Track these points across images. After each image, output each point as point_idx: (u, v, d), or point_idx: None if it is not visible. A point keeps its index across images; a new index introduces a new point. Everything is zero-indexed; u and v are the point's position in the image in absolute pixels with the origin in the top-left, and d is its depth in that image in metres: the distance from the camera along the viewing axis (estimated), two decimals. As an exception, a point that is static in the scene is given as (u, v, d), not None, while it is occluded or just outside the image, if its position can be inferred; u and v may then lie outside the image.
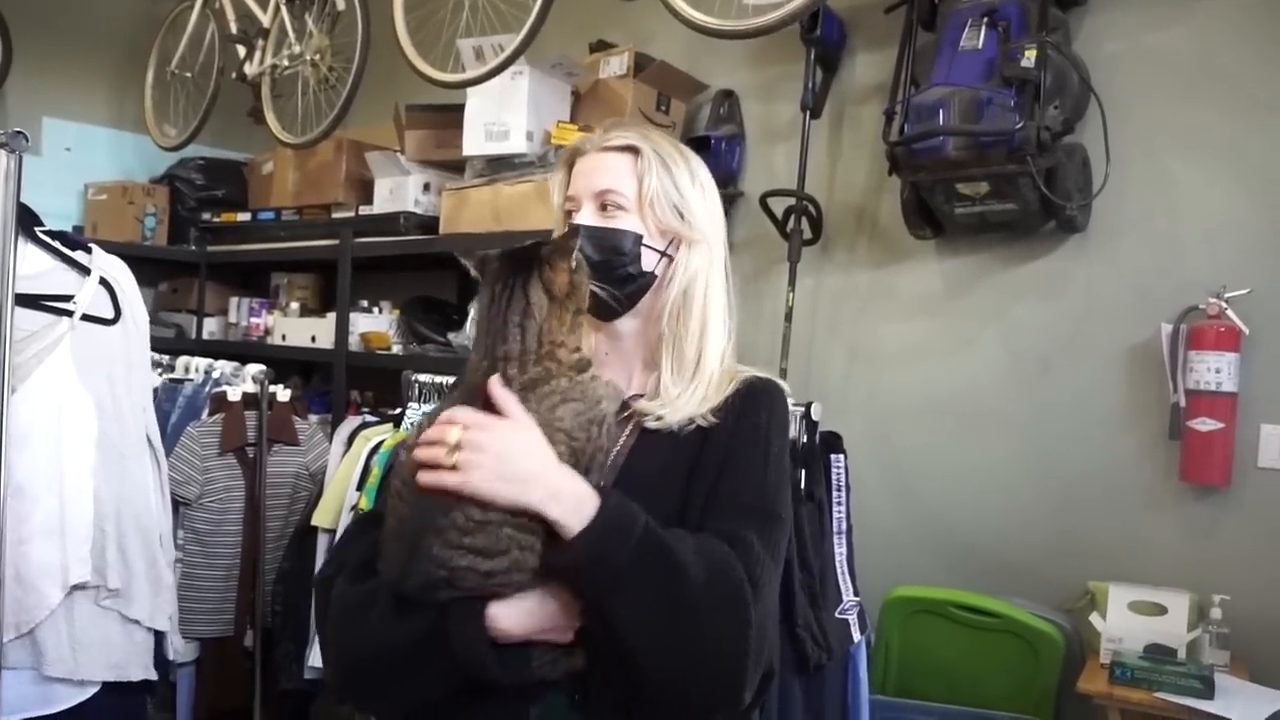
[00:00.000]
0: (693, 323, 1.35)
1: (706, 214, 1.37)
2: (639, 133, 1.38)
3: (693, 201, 1.36)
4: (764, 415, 1.33)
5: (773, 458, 1.31)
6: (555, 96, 3.14)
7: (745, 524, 1.23)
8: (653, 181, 1.33)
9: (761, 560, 1.21)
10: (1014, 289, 2.83)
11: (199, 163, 4.38)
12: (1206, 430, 2.47)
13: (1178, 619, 2.39)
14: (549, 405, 1.15)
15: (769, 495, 1.28)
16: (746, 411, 1.33)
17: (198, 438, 2.90)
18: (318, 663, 2.54)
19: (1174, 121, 2.62)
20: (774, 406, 1.36)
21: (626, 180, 1.34)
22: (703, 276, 1.36)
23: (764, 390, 1.37)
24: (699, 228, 1.36)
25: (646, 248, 1.34)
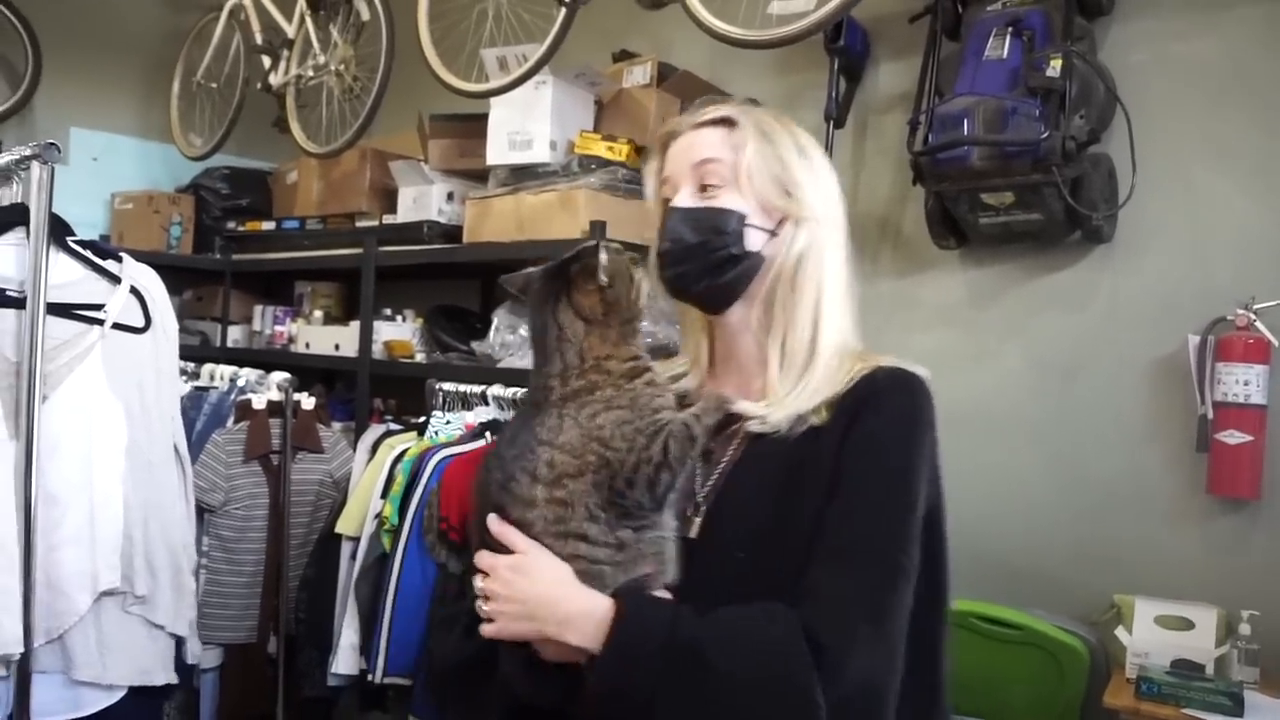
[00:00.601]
0: (802, 310, 1.22)
1: (816, 189, 1.25)
2: (735, 105, 1.29)
3: (798, 174, 1.24)
4: (883, 418, 1.15)
5: (893, 478, 1.13)
6: (578, 106, 3.15)
7: (841, 572, 1.07)
8: (750, 153, 1.23)
9: (849, 626, 1.04)
10: (1039, 299, 2.81)
11: (224, 172, 4.41)
12: (1235, 443, 2.45)
13: (1205, 634, 2.37)
14: (589, 413, 1.13)
15: (881, 532, 1.10)
16: (863, 413, 1.16)
17: (223, 445, 2.92)
18: (340, 670, 2.56)
19: (1201, 131, 2.61)
20: (899, 407, 1.17)
21: (724, 152, 1.24)
22: (814, 257, 1.23)
23: (890, 385, 1.18)
24: (807, 203, 1.24)
25: (751, 227, 1.23)
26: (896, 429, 1.15)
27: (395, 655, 2.42)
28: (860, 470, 1.12)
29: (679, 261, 1.24)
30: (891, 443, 1.14)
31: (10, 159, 1.94)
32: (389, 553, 2.47)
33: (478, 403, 2.70)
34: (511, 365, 3.03)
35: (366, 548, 2.55)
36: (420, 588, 2.41)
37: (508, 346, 3.08)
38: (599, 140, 3.04)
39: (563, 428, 1.12)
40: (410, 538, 2.43)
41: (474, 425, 2.61)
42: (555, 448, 1.12)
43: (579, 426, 1.12)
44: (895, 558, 1.09)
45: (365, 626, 2.52)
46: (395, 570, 2.43)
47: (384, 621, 2.43)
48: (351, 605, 2.56)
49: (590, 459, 1.11)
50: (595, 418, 1.12)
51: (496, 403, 2.62)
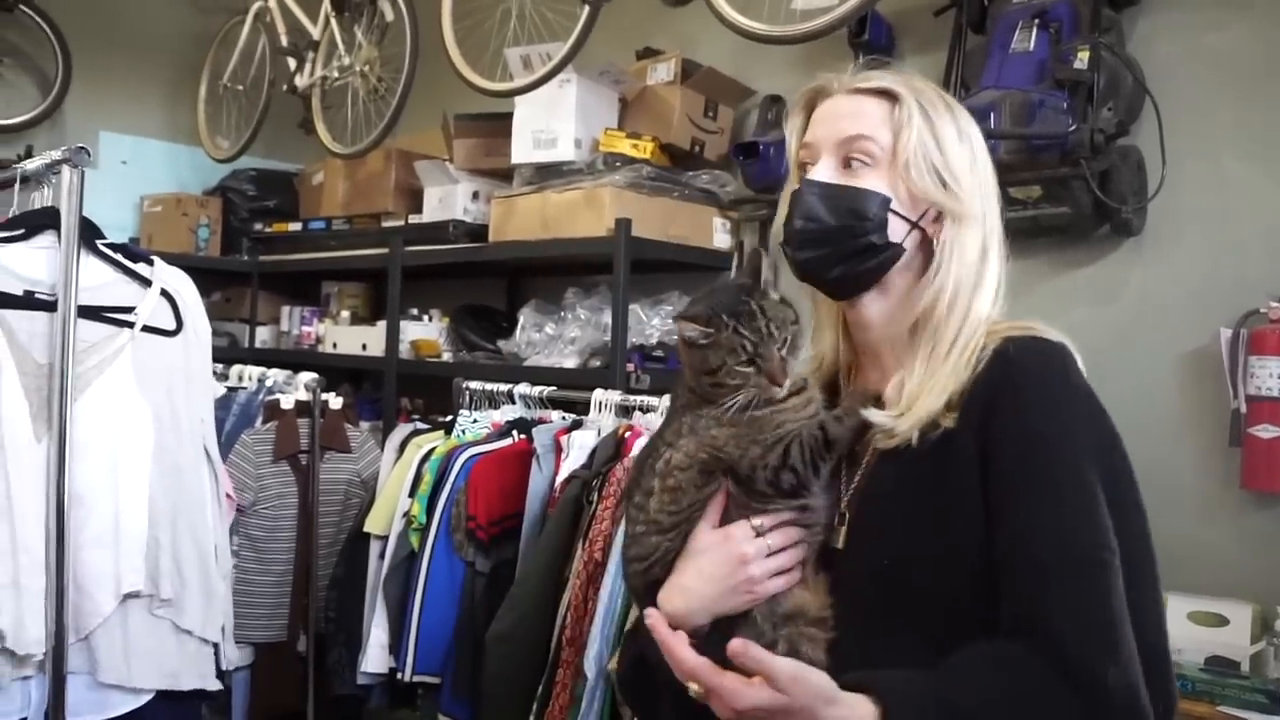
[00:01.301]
0: (954, 318, 1.10)
1: (975, 179, 1.14)
2: (899, 77, 1.17)
3: (957, 164, 1.13)
4: (1033, 411, 1.03)
5: (1065, 469, 1.02)
6: (603, 104, 3.15)
7: (1056, 596, 0.97)
8: (913, 136, 1.11)
9: (1088, 649, 0.95)
10: (1067, 294, 2.79)
11: (251, 174, 4.45)
12: (1269, 437, 2.42)
13: (1240, 630, 2.34)
14: (705, 424, 1.14)
15: (1078, 539, 0.99)
16: (1003, 404, 1.04)
17: (252, 445, 2.94)
18: (370, 668, 2.57)
19: (1233, 122, 2.57)
20: (1045, 390, 1.05)
21: (881, 131, 1.13)
22: (966, 255, 1.12)
23: (1025, 365, 1.06)
24: (966, 197, 1.13)
25: (894, 214, 1.12)
26: (1050, 417, 1.04)
27: (424, 653, 2.43)
28: (1029, 477, 1.01)
29: (814, 244, 1.14)
30: (1051, 435, 1.03)
31: (41, 163, 1.96)
32: (417, 551, 2.48)
33: (504, 401, 2.71)
34: (537, 364, 3.04)
35: (395, 547, 2.56)
36: (448, 586, 2.42)
37: (534, 345, 3.08)
38: (623, 138, 3.04)
39: (682, 432, 1.16)
40: (438, 536, 2.44)
41: (500, 424, 2.62)
42: (675, 449, 1.16)
43: (695, 434, 1.14)
44: (1099, 557, 0.99)
45: (394, 625, 2.53)
46: (423, 569, 2.44)
47: (413, 620, 2.44)
48: (380, 604, 2.57)
49: (702, 456, 1.13)
50: (710, 429, 1.13)
51: (523, 401, 2.63)
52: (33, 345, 1.84)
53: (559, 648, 2.16)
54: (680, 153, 3.19)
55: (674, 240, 3.05)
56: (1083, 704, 0.93)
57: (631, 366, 2.84)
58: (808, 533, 1.12)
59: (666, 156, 3.15)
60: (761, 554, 1.10)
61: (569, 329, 3.03)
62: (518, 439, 2.50)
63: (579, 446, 2.33)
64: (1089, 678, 0.94)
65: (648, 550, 1.16)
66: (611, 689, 2.05)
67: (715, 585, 1.11)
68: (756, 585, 1.10)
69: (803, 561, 1.12)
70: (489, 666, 2.24)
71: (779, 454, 1.09)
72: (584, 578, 2.12)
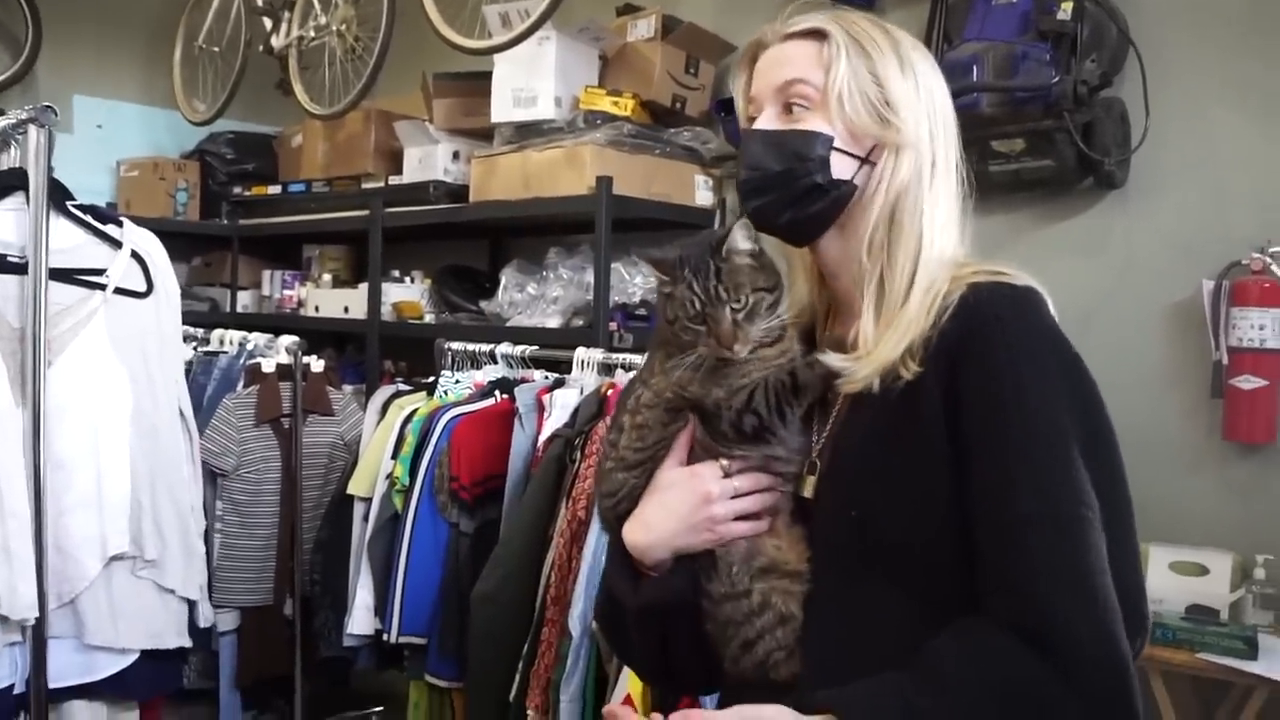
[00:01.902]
0: (902, 249, 1.08)
1: (918, 107, 1.10)
2: (829, 14, 1.14)
3: (897, 95, 1.09)
4: (1002, 354, 1.01)
5: (1037, 419, 0.99)
6: (582, 61, 3.11)
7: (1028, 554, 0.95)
8: (840, 71, 1.09)
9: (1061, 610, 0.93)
10: (1051, 247, 2.78)
11: (229, 137, 4.39)
12: (1250, 388, 2.43)
13: (1220, 579, 2.36)
14: (674, 365, 1.13)
15: (1052, 494, 0.97)
16: (971, 353, 1.02)
17: (234, 409, 2.92)
18: (356, 630, 2.57)
19: (1218, 72, 2.56)
20: (1013, 338, 1.02)
21: (812, 71, 1.10)
22: (915, 187, 1.09)
23: (991, 307, 1.03)
24: (908, 128, 1.09)
25: (838, 152, 1.09)
26: (1020, 368, 1.00)
27: (410, 615, 2.43)
28: (1001, 430, 0.99)
29: (759, 192, 1.12)
30: (1022, 387, 0.99)
31: (7, 123, 1.93)
32: (401, 513, 2.48)
33: (486, 361, 2.69)
34: (520, 324, 3.02)
35: (379, 508, 2.56)
36: (433, 547, 2.42)
37: (516, 305, 3.07)
38: (604, 95, 3.01)
39: (654, 370, 1.17)
40: (422, 497, 2.43)
41: (483, 384, 2.60)
42: (647, 387, 1.16)
43: (666, 374, 1.14)
44: (1075, 513, 0.96)
45: (379, 587, 2.53)
46: (408, 530, 2.44)
47: (398, 581, 2.44)
48: (365, 566, 2.57)
49: (668, 396, 1.14)
50: (677, 370, 1.12)
51: (505, 361, 2.61)
52: (6, 308, 1.82)
53: (544, 606, 2.16)
54: (661, 110, 3.16)
55: (656, 198, 3.03)
56: (1056, 666, 0.91)
57: (614, 325, 2.83)
58: (778, 480, 1.12)
59: (647, 114, 3.12)
60: (726, 494, 1.09)
61: (551, 289, 3.01)
62: (500, 399, 2.49)
63: (561, 405, 2.32)
64: (1064, 637, 0.92)
65: (615, 486, 1.17)
66: (597, 646, 2.06)
67: (677, 521, 1.10)
68: (718, 525, 1.10)
69: (775, 512, 1.12)
70: (474, 626, 2.25)
71: (743, 397, 1.08)
72: (568, 536, 2.12)
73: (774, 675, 1.08)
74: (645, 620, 1.14)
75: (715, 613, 1.10)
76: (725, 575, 1.10)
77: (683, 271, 1.11)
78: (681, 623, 1.12)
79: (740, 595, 1.09)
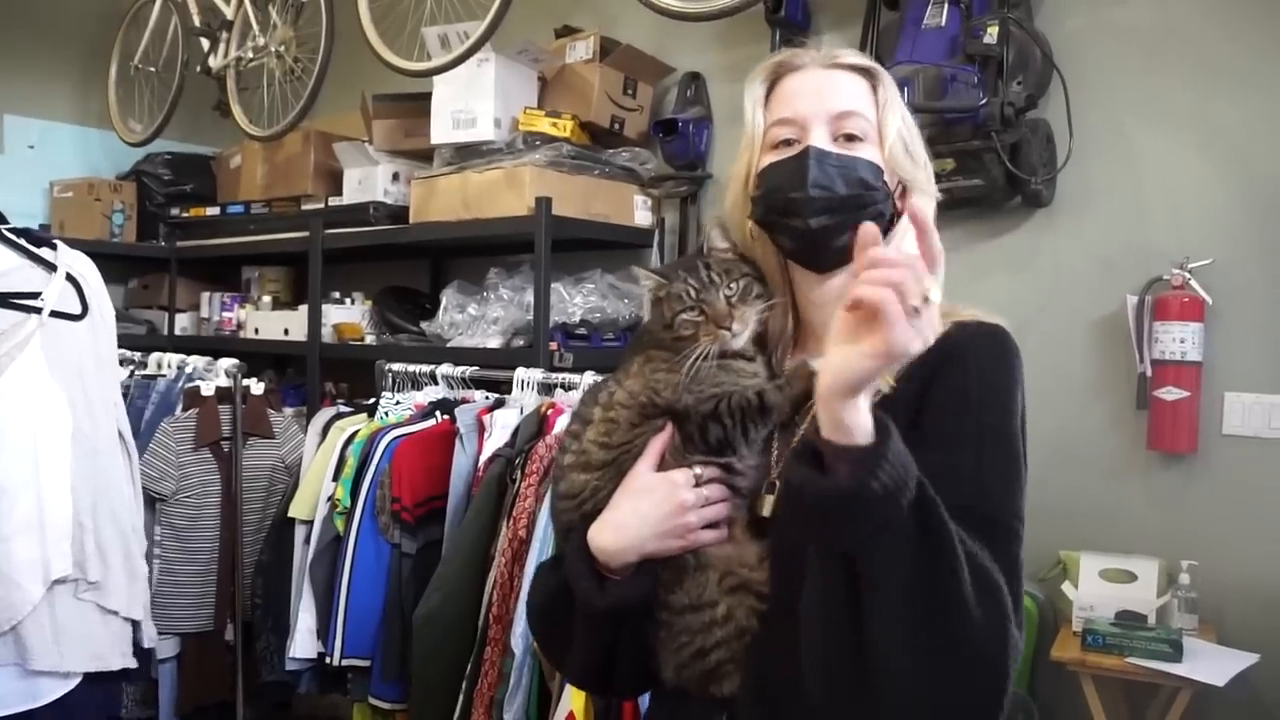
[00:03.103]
0: None
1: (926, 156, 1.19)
2: (862, 54, 1.20)
3: (917, 140, 1.17)
4: (974, 377, 1.05)
5: (998, 440, 1.03)
6: (522, 83, 3.14)
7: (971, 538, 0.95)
8: (896, 115, 1.15)
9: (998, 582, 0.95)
10: (981, 264, 2.85)
11: (166, 158, 4.35)
12: (1173, 399, 2.51)
13: (1147, 585, 2.43)
14: (652, 368, 1.17)
15: (990, 492, 1.01)
16: (946, 371, 1.05)
17: (172, 434, 2.90)
18: (298, 654, 2.56)
19: (1137, 94, 2.65)
20: (991, 364, 1.07)
21: (868, 107, 1.15)
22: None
23: (975, 341, 1.08)
24: (928, 174, 1.18)
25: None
26: (992, 388, 1.05)
27: (353, 637, 2.43)
28: (959, 429, 1.02)
29: (827, 211, 1.11)
30: (989, 402, 1.04)
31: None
32: (342, 535, 2.47)
33: (427, 382, 2.70)
34: (461, 344, 3.03)
35: (320, 531, 2.55)
36: (375, 568, 2.42)
37: (457, 326, 3.07)
38: (543, 116, 3.03)
39: (630, 372, 1.20)
40: (363, 519, 2.43)
41: (424, 405, 2.61)
42: (622, 386, 1.20)
43: (643, 376, 1.18)
44: (1012, 524, 1.01)
45: (321, 610, 2.52)
46: (349, 552, 2.43)
47: (340, 604, 2.43)
48: (307, 589, 2.56)
49: (642, 399, 1.17)
50: (655, 373, 1.17)
51: (446, 382, 2.62)
52: (-63, 334, 1.79)
53: (486, 626, 2.17)
54: (600, 131, 3.19)
55: (595, 218, 3.05)
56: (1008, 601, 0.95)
57: (555, 345, 2.84)
58: (734, 493, 1.14)
59: (586, 135, 3.16)
60: (699, 503, 1.12)
61: (492, 309, 3.02)
62: (441, 420, 2.50)
63: (502, 426, 2.33)
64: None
65: (578, 488, 1.18)
66: (539, 664, 2.07)
67: (651, 527, 1.11)
68: (690, 533, 1.12)
69: (731, 523, 1.14)
70: (417, 647, 2.25)
71: (710, 406, 1.11)
72: (509, 555, 2.13)
73: (716, 689, 1.10)
74: (605, 622, 1.14)
75: (672, 621, 1.12)
76: (693, 585, 1.12)
77: (676, 272, 1.17)
78: (635, 627, 1.14)
79: (706, 606, 1.10)
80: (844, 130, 1.14)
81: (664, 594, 1.13)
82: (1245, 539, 2.47)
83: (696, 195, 3.26)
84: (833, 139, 1.14)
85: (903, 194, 1.15)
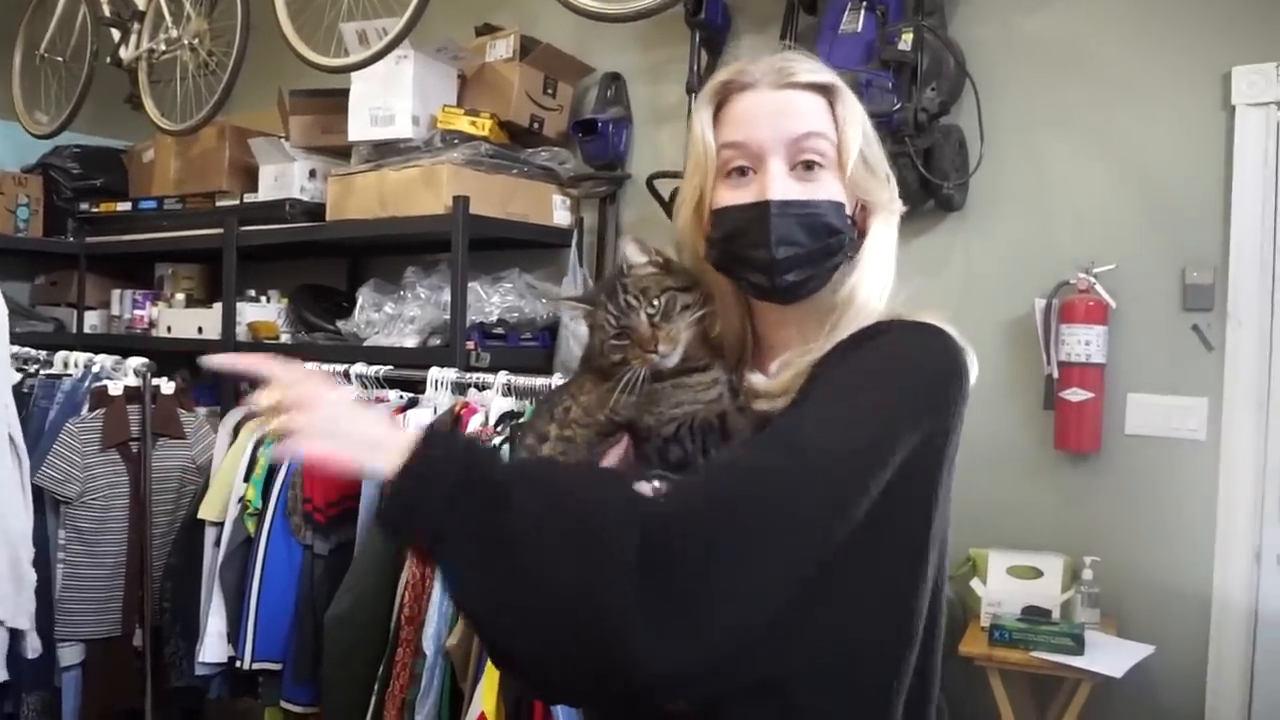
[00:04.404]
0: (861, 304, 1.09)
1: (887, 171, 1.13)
2: (819, 65, 1.11)
3: (878, 156, 1.11)
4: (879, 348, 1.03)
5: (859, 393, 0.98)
6: (441, 80, 3.11)
7: (753, 452, 0.94)
8: (857, 133, 1.07)
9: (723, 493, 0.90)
10: (896, 267, 2.88)
11: (75, 150, 4.22)
12: (1078, 400, 2.57)
13: (1052, 581, 2.48)
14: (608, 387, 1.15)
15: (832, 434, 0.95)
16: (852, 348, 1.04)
17: (77, 434, 2.82)
18: (208, 658, 2.51)
19: (1045, 102, 2.71)
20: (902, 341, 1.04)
21: (828, 127, 1.07)
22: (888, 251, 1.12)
23: (900, 326, 1.06)
24: (894, 194, 1.13)
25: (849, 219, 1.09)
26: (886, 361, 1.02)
27: (263, 640, 2.39)
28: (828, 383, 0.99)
29: (798, 267, 1.07)
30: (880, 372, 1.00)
31: None
32: (253, 536, 2.43)
33: (341, 382, 2.66)
34: (378, 344, 3.00)
35: (230, 532, 2.51)
36: (286, 570, 2.38)
37: (373, 325, 3.04)
38: (462, 115, 3.01)
39: (585, 388, 1.18)
40: (274, 520, 2.39)
41: (338, 405, 2.57)
42: (577, 403, 1.17)
43: (598, 393, 1.16)
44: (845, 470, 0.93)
45: (232, 613, 2.48)
46: (260, 554, 2.40)
47: (250, 606, 2.39)
48: (217, 592, 2.51)
49: (600, 418, 1.15)
50: (613, 392, 1.13)
51: (359, 381, 2.59)
52: None
53: (398, 627, 2.15)
54: (519, 130, 3.18)
55: (513, 217, 3.04)
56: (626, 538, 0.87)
57: (471, 344, 2.83)
58: None
59: (505, 134, 3.14)
60: None
61: (409, 308, 3.00)
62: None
63: (415, 426, 2.31)
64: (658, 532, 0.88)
65: None
66: (451, 665, 2.05)
67: None
68: None
69: None
70: (329, 649, 2.22)
71: (671, 429, 1.10)
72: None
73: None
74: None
75: None
76: None
77: (599, 298, 1.16)
78: None
79: None
80: (802, 157, 1.07)
81: None
82: (1145, 535, 2.54)
83: (616, 196, 3.27)
84: (790, 167, 1.07)
85: (863, 212, 1.11)
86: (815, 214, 1.07)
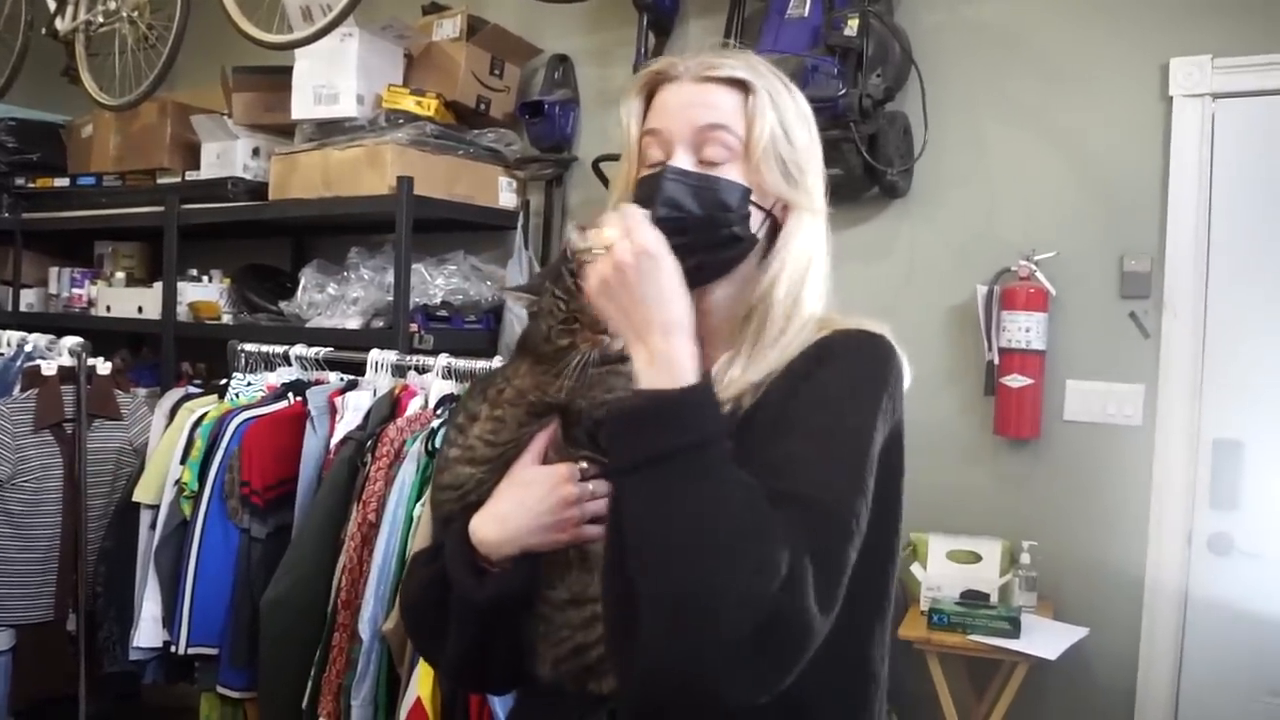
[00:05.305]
0: (786, 304, 1.10)
1: (818, 171, 1.14)
2: (747, 63, 1.13)
3: (804, 157, 1.13)
4: (834, 373, 1.04)
5: (849, 436, 1.01)
6: (386, 59, 3.07)
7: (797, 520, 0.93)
8: (766, 129, 1.09)
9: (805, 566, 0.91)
10: (840, 253, 2.80)
11: (10, 124, 4.10)
12: (1018, 386, 2.60)
13: (991, 565, 2.52)
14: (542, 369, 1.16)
15: (835, 491, 0.98)
16: (816, 368, 1.06)
17: (9, 415, 2.75)
18: (143, 643, 2.47)
19: (989, 90, 2.73)
20: (853, 364, 1.06)
21: (736, 122, 1.10)
22: (807, 246, 1.12)
23: (845, 342, 1.08)
24: (815, 195, 1.13)
25: (754, 205, 1.11)
26: (850, 385, 1.04)
27: (199, 624, 2.35)
28: (812, 421, 1.02)
29: (676, 232, 1.06)
30: (846, 398, 1.03)
31: None
32: (189, 520, 2.39)
33: (280, 363, 2.62)
34: (320, 325, 2.96)
35: (166, 516, 2.46)
36: (223, 554, 2.34)
37: (316, 306, 3.00)
38: (407, 94, 2.98)
39: (520, 371, 1.18)
40: (211, 503, 2.35)
41: (276, 386, 2.54)
42: (510, 385, 1.18)
43: (533, 376, 1.16)
44: (848, 520, 0.97)
45: (167, 597, 2.43)
46: (196, 537, 2.36)
47: (186, 590, 2.35)
48: (152, 576, 2.47)
49: (531, 399, 1.15)
50: (546, 374, 1.14)
51: (299, 363, 2.56)
52: None
53: (335, 611, 2.12)
54: (465, 111, 3.15)
55: (458, 199, 3.02)
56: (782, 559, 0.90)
57: (415, 326, 2.80)
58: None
59: (451, 114, 3.11)
60: (584, 497, 1.11)
61: (352, 289, 2.96)
62: (293, 401, 2.44)
63: (354, 408, 2.29)
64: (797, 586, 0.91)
65: (461, 480, 1.17)
66: (388, 650, 2.04)
67: (535, 519, 1.11)
68: (574, 528, 1.11)
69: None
70: (265, 633, 2.19)
71: (603, 413, 1.10)
72: (359, 539, 2.09)
73: (595, 685, 1.10)
74: (483, 615, 1.12)
75: (552, 616, 1.11)
76: (575, 581, 1.12)
77: (544, 285, 1.14)
78: (511, 621, 1.13)
79: (588, 601, 1.10)
80: (704, 151, 1.10)
81: (544, 588, 1.12)
82: (1081, 520, 2.58)
83: (562, 178, 3.25)
84: (697, 156, 1.10)
85: (784, 209, 1.12)
86: (708, 186, 1.09)
